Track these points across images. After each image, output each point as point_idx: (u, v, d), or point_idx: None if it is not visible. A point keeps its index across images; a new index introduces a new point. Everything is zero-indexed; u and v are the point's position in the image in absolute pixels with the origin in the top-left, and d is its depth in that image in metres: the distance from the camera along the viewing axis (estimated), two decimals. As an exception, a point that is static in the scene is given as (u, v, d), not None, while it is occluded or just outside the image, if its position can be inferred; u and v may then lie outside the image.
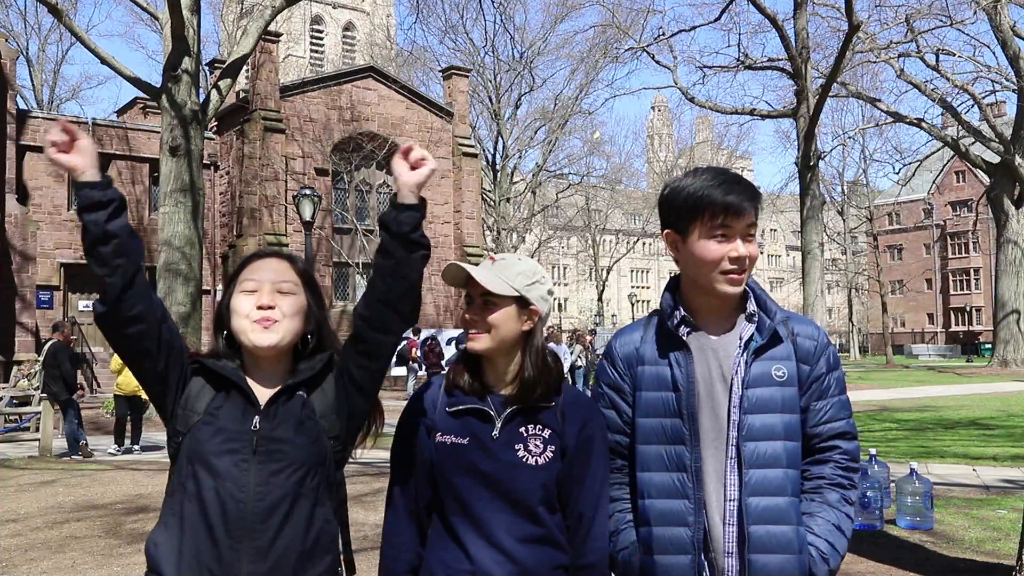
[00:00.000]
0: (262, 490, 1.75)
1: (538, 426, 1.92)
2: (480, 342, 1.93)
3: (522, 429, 1.92)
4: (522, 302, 1.94)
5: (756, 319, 1.95)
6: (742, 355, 1.92)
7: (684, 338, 1.95)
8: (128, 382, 11.82)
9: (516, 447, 1.90)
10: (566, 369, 12.69)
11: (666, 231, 2.02)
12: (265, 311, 1.83)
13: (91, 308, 1.84)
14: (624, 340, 2.08)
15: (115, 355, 12.61)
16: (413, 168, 1.81)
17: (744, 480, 1.86)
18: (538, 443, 1.91)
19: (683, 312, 1.98)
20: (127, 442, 12.06)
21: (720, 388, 1.92)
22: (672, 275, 2.16)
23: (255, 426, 1.79)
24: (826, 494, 1.93)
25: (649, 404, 1.96)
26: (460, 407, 1.94)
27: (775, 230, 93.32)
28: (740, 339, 1.93)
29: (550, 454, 1.91)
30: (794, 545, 1.85)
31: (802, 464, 1.95)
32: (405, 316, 1.84)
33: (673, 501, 1.91)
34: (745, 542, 1.85)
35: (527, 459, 1.89)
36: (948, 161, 50.41)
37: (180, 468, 1.81)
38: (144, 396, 11.63)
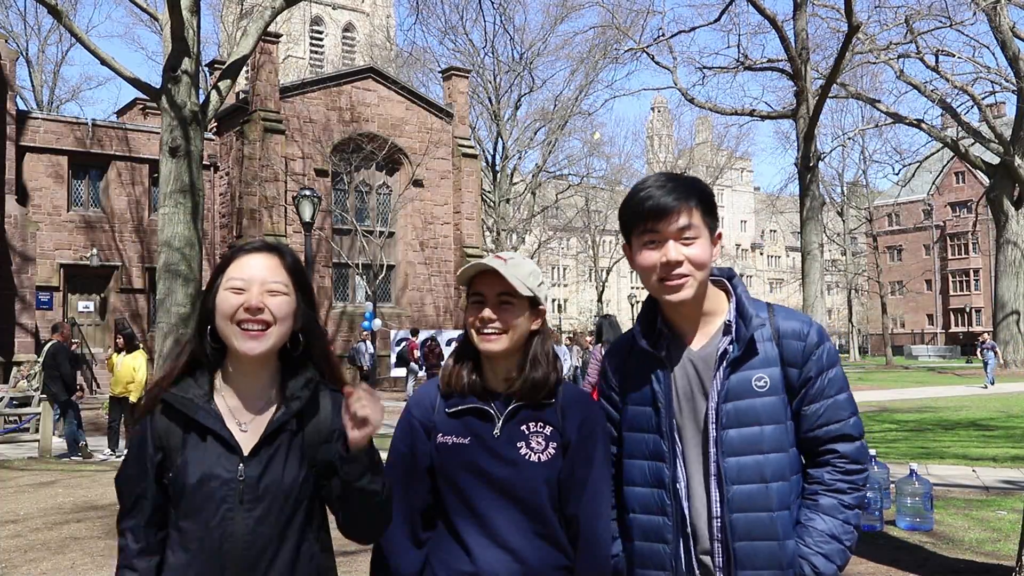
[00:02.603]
0: (249, 538, 1.70)
1: (539, 423, 1.92)
2: (500, 343, 1.91)
3: (523, 427, 1.91)
4: (533, 302, 1.95)
5: (733, 328, 1.88)
6: (719, 368, 1.86)
7: (660, 354, 1.92)
8: (117, 381, 11.69)
9: (518, 444, 1.89)
10: (567, 370, 12.66)
11: (623, 244, 2.01)
12: (254, 314, 1.74)
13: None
14: (614, 351, 2.08)
15: (112, 354, 12.60)
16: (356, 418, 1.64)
17: (727, 496, 1.82)
18: (540, 440, 1.91)
19: (661, 323, 1.95)
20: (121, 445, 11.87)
21: (701, 402, 1.88)
22: None
23: (240, 475, 1.71)
24: (821, 501, 1.85)
25: (633, 418, 1.95)
26: (460, 407, 1.93)
27: (775, 231, 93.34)
28: (718, 351, 1.88)
29: (552, 451, 1.90)
30: (782, 560, 1.80)
31: (803, 469, 1.91)
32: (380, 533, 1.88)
33: (653, 517, 1.90)
34: (731, 559, 1.82)
35: (529, 456, 1.88)
36: (948, 162, 50.39)
37: (167, 512, 1.76)
38: (132, 398, 11.48)
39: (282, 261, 1.82)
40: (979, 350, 27.11)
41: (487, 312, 1.91)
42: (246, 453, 1.73)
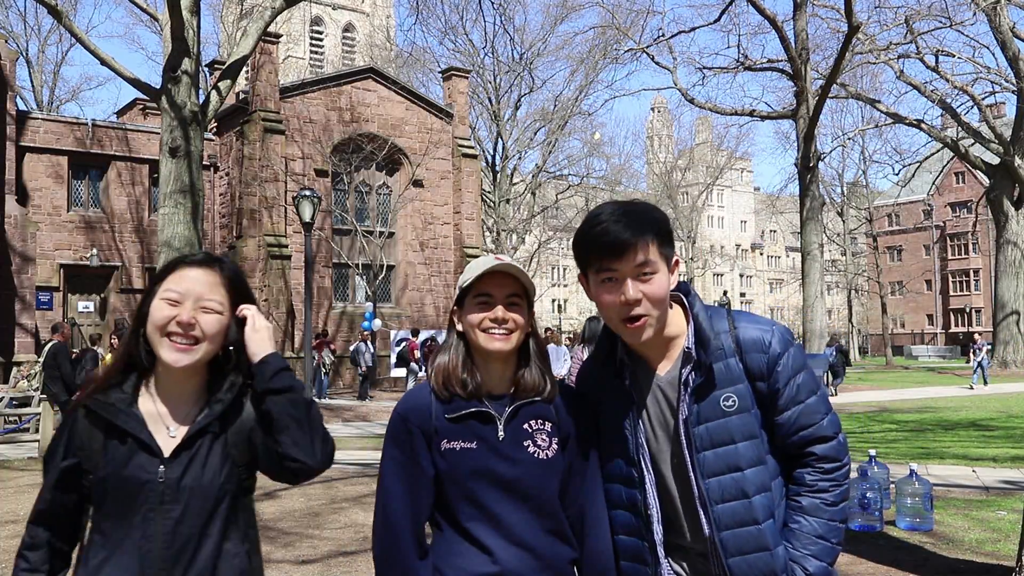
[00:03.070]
0: (168, 538, 1.73)
1: (540, 420, 1.94)
2: (509, 342, 1.92)
3: (525, 426, 1.93)
4: (529, 303, 1.98)
5: (693, 355, 1.88)
6: (684, 395, 1.88)
7: (625, 383, 1.93)
8: None
9: (525, 443, 1.91)
10: (566, 371, 12.66)
11: (579, 275, 1.99)
12: (185, 329, 1.76)
13: None
14: (584, 380, 2.09)
15: (107, 355, 12.61)
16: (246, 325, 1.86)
17: (713, 516, 1.84)
18: (544, 437, 1.93)
19: (622, 351, 1.95)
20: None
21: (673, 427, 1.91)
22: None
23: (160, 477, 1.74)
24: (804, 502, 1.88)
25: (606, 444, 1.97)
26: (461, 412, 1.92)
27: (775, 231, 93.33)
28: (680, 376, 1.89)
29: (556, 446, 1.94)
30: (775, 569, 1.84)
31: (784, 471, 1.93)
32: (326, 460, 1.83)
33: (634, 539, 1.93)
34: (727, 575, 1.85)
35: (537, 454, 1.91)
36: (948, 162, 50.39)
37: (90, 510, 1.78)
38: None
39: (222, 277, 1.83)
40: (972, 350, 26.85)
41: (500, 312, 1.91)
42: (167, 455, 1.76)
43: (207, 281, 1.81)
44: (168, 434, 1.79)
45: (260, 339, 1.83)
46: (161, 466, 1.75)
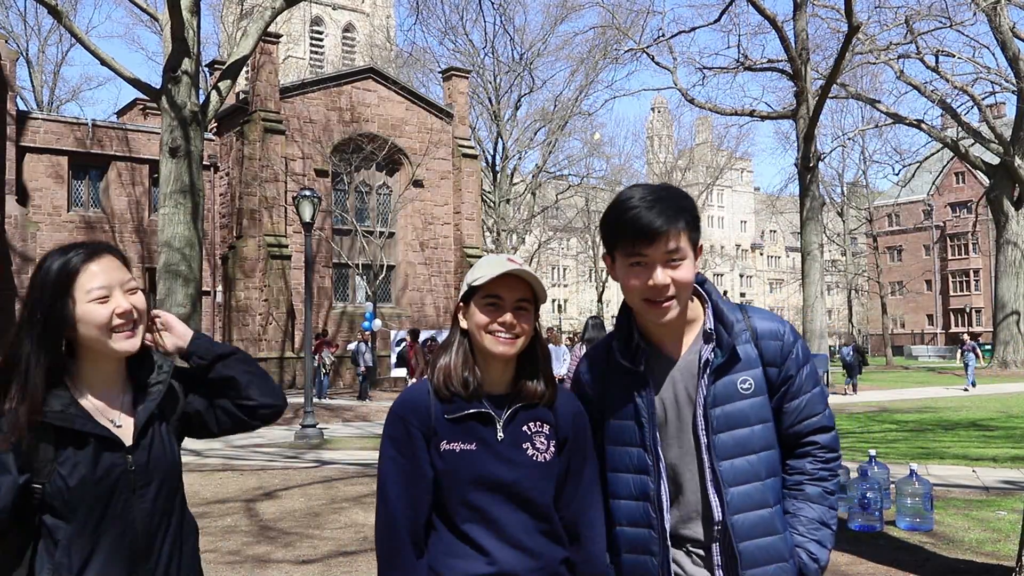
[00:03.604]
0: (147, 520, 1.81)
1: (538, 423, 1.94)
2: (515, 347, 1.92)
3: (524, 428, 1.93)
4: (537, 308, 1.98)
5: (715, 336, 1.90)
6: (704, 376, 1.89)
7: (640, 369, 1.93)
8: None
9: (524, 446, 1.91)
10: (565, 370, 12.66)
11: (604, 254, 2.00)
12: (126, 316, 1.79)
13: None
14: (592, 363, 2.09)
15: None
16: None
17: (726, 499, 1.86)
18: (542, 440, 1.93)
19: (638, 337, 1.95)
20: None
21: (688, 410, 1.91)
22: None
23: (131, 466, 1.80)
24: (807, 490, 1.94)
25: (617, 433, 1.97)
26: (461, 413, 1.91)
27: (775, 231, 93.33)
28: (700, 359, 1.90)
29: (553, 449, 1.94)
30: (784, 553, 1.87)
31: (783, 460, 1.97)
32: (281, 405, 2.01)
33: (640, 530, 1.93)
34: (736, 559, 1.85)
35: (536, 456, 1.91)
36: (948, 162, 50.39)
37: (47, 520, 1.73)
38: None
39: (122, 260, 1.87)
40: (960, 352, 26.71)
41: (508, 317, 1.90)
42: (128, 444, 1.82)
43: (117, 266, 1.84)
44: (114, 426, 1.82)
45: (179, 321, 1.98)
46: (128, 456, 1.81)
